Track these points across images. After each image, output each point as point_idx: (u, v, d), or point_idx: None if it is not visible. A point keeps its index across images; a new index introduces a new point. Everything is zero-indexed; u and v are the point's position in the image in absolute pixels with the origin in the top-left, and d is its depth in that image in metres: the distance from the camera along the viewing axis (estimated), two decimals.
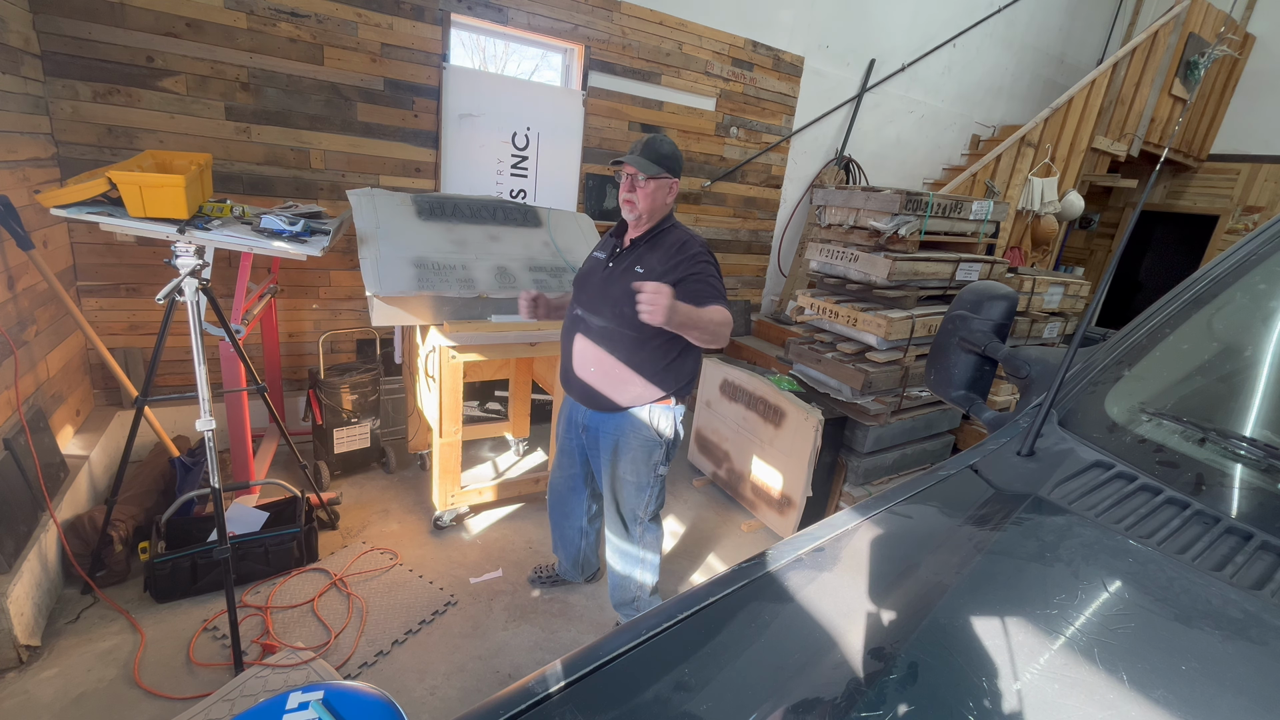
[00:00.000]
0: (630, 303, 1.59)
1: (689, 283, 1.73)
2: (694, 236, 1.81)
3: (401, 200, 2.72)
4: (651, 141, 1.74)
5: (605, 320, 1.82)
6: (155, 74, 2.69)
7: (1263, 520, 0.83)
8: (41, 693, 1.77)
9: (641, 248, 1.81)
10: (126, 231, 2.08)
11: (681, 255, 1.75)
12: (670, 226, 1.83)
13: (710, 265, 1.77)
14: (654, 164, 1.73)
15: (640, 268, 1.77)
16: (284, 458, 3.13)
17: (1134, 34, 6.06)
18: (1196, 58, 5.38)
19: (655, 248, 1.79)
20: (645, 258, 1.78)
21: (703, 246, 1.79)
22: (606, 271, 1.85)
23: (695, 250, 1.76)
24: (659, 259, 1.76)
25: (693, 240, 1.79)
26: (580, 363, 1.89)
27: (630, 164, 1.72)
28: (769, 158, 4.64)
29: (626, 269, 1.79)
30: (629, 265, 1.80)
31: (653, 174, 1.73)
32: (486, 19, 3.34)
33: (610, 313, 1.81)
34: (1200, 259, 6.49)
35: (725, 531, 3.03)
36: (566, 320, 1.97)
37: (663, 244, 1.79)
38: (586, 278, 1.92)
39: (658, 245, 1.79)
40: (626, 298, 1.66)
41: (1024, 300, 3.60)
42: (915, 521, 0.93)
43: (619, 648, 0.72)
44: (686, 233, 1.83)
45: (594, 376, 1.86)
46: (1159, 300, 1.21)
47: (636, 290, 1.54)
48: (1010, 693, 0.62)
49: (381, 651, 2.06)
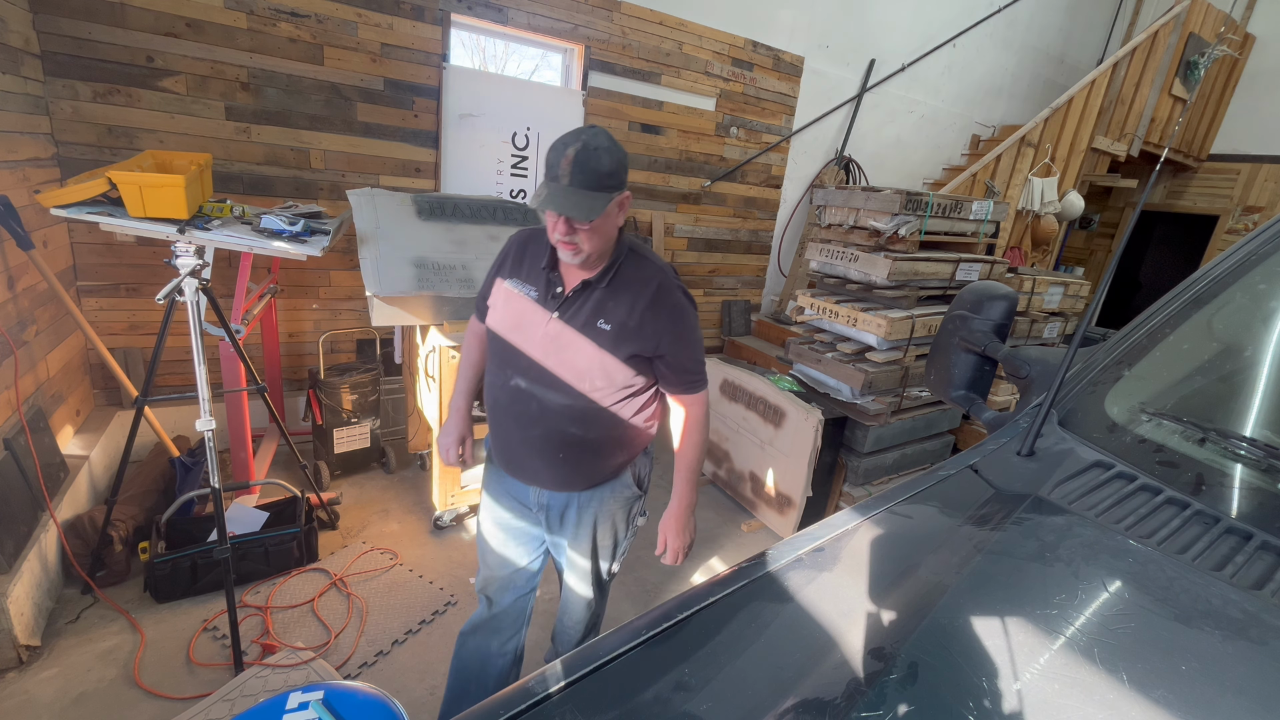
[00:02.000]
0: (601, 370, 1.31)
1: (671, 360, 1.36)
2: (665, 272, 1.36)
3: (401, 200, 2.72)
4: (583, 157, 1.17)
5: (568, 396, 1.35)
6: (155, 74, 2.69)
7: (1263, 520, 0.83)
8: (41, 693, 1.77)
9: (598, 291, 1.32)
10: (126, 231, 2.08)
11: (659, 308, 1.32)
12: (630, 255, 1.36)
13: (693, 321, 1.39)
14: (595, 194, 1.19)
15: (605, 322, 1.31)
16: (284, 458, 3.12)
17: (1134, 34, 6.06)
18: (1196, 58, 5.38)
19: (618, 290, 1.33)
20: (607, 306, 1.32)
21: (682, 291, 1.37)
22: (553, 326, 1.33)
23: (675, 301, 1.34)
24: (626, 309, 1.31)
25: (667, 280, 1.35)
26: (540, 449, 1.40)
27: (563, 212, 1.18)
28: (769, 158, 4.64)
29: (586, 324, 1.32)
30: (588, 319, 1.32)
31: (597, 216, 1.20)
32: (486, 19, 3.34)
33: (569, 385, 1.35)
34: (1200, 259, 6.49)
35: (725, 531, 3.03)
36: (495, 389, 1.44)
37: (628, 285, 1.33)
38: (519, 328, 1.38)
39: (621, 287, 1.33)
40: (591, 364, 1.32)
41: (1024, 300, 3.60)
42: (915, 521, 0.93)
43: (619, 648, 0.72)
44: (654, 265, 1.37)
45: (565, 461, 1.41)
46: (1159, 300, 1.21)
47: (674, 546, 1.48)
48: (1010, 693, 0.62)
49: (381, 651, 2.06)
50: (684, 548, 1.50)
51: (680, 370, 1.39)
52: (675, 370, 1.39)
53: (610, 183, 1.21)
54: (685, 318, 1.37)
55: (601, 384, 1.34)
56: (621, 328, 1.32)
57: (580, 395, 1.35)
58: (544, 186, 1.20)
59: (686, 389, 1.42)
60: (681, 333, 1.36)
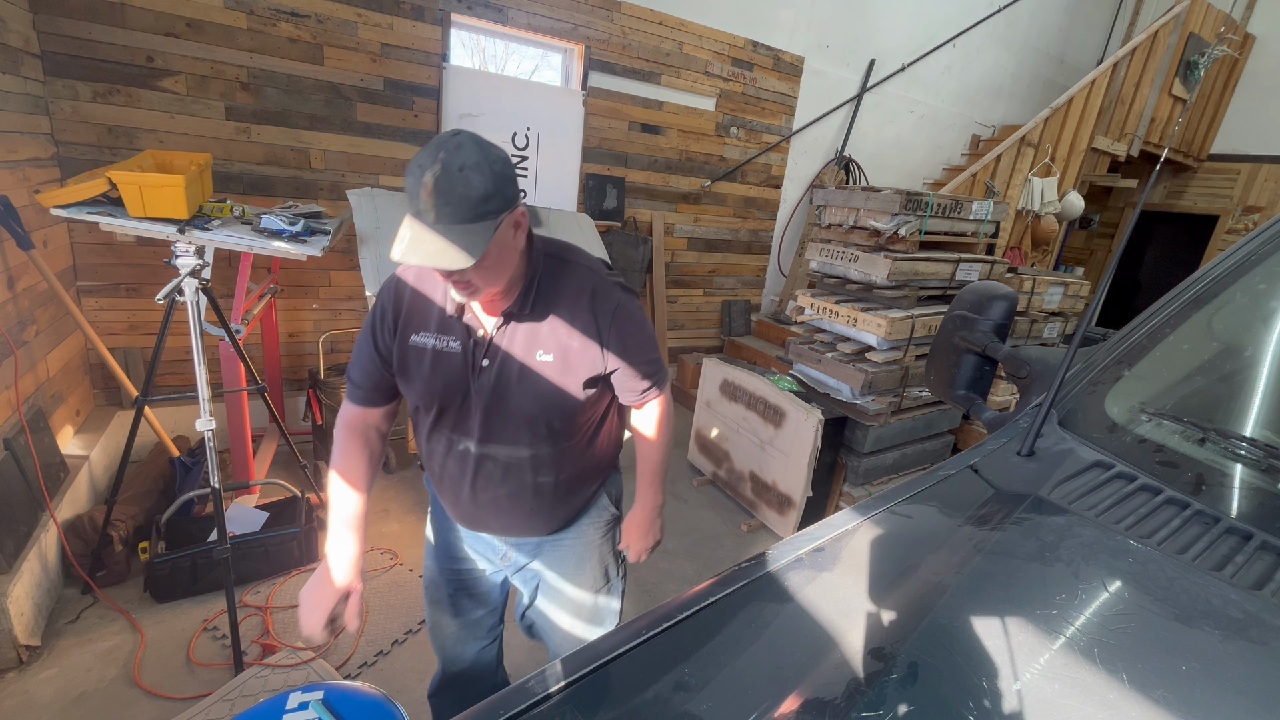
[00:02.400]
0: (558, 409, 1.14)
1: (626, 371, 1.18)
2: (595, 271, 1.16)
3: (401, 200, 2.71)
4: (445, 184, 0.90)
5: (528, 447, 1.16)
6: (155, 74, 2.69)
7: (1263, 520, 0.83)
8: (41, 693, 1.77)
9: (524, 320, 1.11)
10: (126, 231, 2.08)
11: (600, 315, 1.13)
12: (548, 264, 1.13)
13: (640, 318, 1.19)
14: (471, 228, 0.93)
15: (544, 352, 1.12)
16: (284, 458, 3.12)
17: (1134, 34, 6.06)
18: (1196, 58, 5.38)
19: (546, 310, 1.12)
20: (540, 334, 1.12)
21: (620, 288, 1.18)
22: (486, 376, 1.12)
23: (616, 302, 1.15)
24: (565, 329, 1.12)
25: (601, 281, 1.15)
26: (509, 507, 1.23)
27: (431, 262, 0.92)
28: (769, 158, 4.64)
29: (524, 362, 1.12)
30: (524, 355, 1.12)
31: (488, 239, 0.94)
32: (486, 19, 3.34)
33: (527, 435, 1.15)
34: (1200, 259, 6.49)
35: (725, 531, 3.03)
36: (439, 459, 1.22)
37: (557, 300, 1.12)
38: (450, 389, 1.14)
39: (549, 305, 1.12)
40: (545, 405, 1.13)
41: (1024, 300, 3.61)
42: (915, 521, 0.93)
43: (619, 648, 0.72)
44: (579, 266, 1.16)
45: (537, 510, 1.24)
46: (1159, 300, 1.21)
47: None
48: (1010, 693, 0.62)
49: (381, 651, 2.06)
50: (648, 548, 1.38)
51: (637, 378, 1.21)
52: (632, 379, 1.20)
53: (489, 208, 0.93)
54: (631, 318, 1.17)
55: (561, 424, 1.16)
56: (565, 352, 1.12)
57: (541, 441, 1.17)
58: (406, 226, 0.93)
59: (646, 395, 1.25)
60: (631, 337, 1.17)
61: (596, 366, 1.15)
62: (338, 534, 1.15)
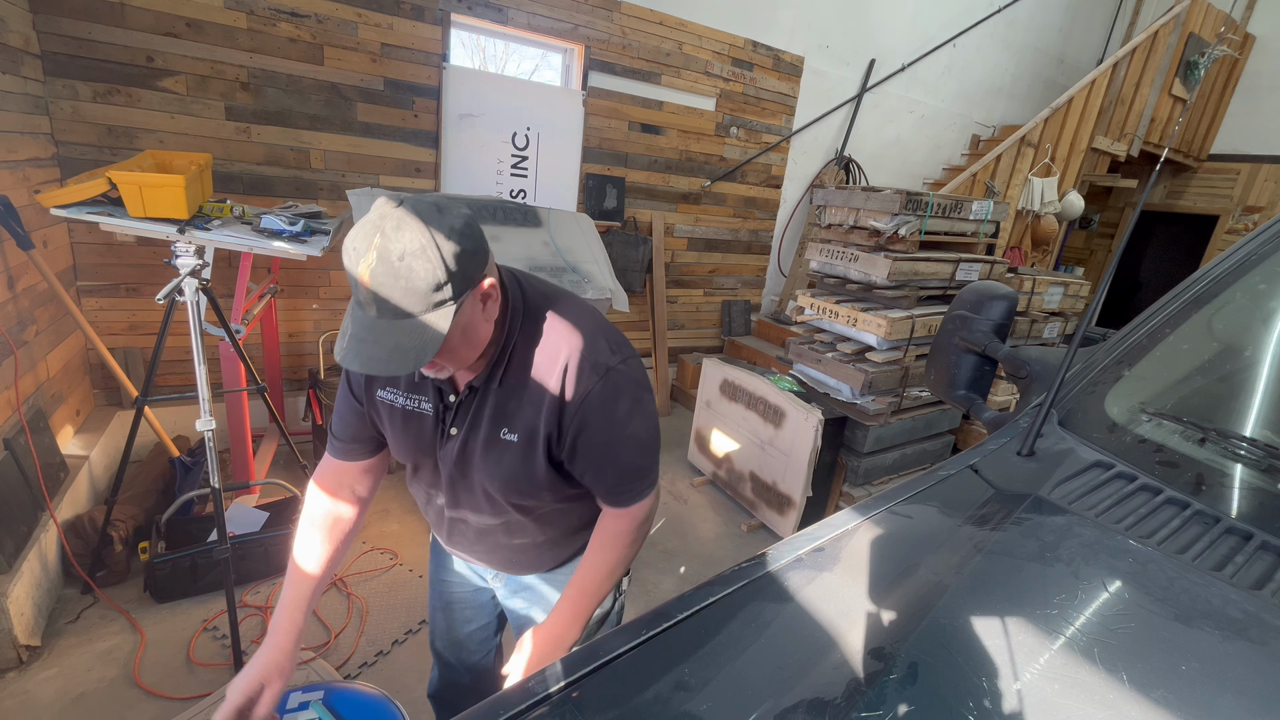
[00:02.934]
0: (524, 490, 1.00)
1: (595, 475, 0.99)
2: (580, 342, 0.94)
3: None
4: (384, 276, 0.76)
5: (497, 515, 1.07)
6: (155, 74, 2.69)
7: (1263, 520, 0.83)
8: (41, 693, 1.77)
9: (492, 393, 0.96)
10: (126, 231, 2.08)
11: (570, 399, 0.93)
12: (525, 327, 0.95)
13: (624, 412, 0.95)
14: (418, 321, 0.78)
15: (509, 431, 0.97)
16: (284, 458, 3.12)
17: (1134, 34, 6.06)
18: (1196, 58, 5.38)
19: (516, 383, 0.95)
20: (507, 410, 0.96)
21: (604, 373, 0.94)
22: (449, 442, 1.00)
23: (589, 387, 0.93)
24: (533, 408, 0.95)
25: (583, 357, 0.93)
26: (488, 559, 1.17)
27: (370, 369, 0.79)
28: (769, 158, 4.64)
29: (489, 438, 0.98)
30: (489, 431, 0.98)
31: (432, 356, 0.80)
32: (486, 19, 3.34)
33: (490, 507, 1.06)
34: (1200, 259, 6.49)
35: (725, 531, 3.03)
36: (422, 503, 1.17)
37: (527, 372, 0.95)
38: (419, 449, 1.04)
39: (519, 377, 0.95)
40: (507, 486, 1.00)
41: (1024, 300, 3.61)
42: (915, 521, 0.93)
43: (619, 648, 0.72)
44: (561, 335, 0.95)
45: (520, 562, 1.17)
46: (1159, 300, 1.21)
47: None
48: (1010, 693, 0.62)
49: (381, 651, 2.06)
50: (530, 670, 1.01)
51: (603, 488, 1.00)
52: (596, 484, 1.00)
53: (442, 296, 0.78)
54: (605, 410, 0.93)
55: (530, 501, 1.04)
56: (531, 435, 0.95)
57: (509, 511, 1.05)
58: (349, 317, 0.81)
59: (619, 500, 1.02)
60: (598, 434, 0.94)
61: (558, 455, 0.98)
62: (275, 617, 1.03)
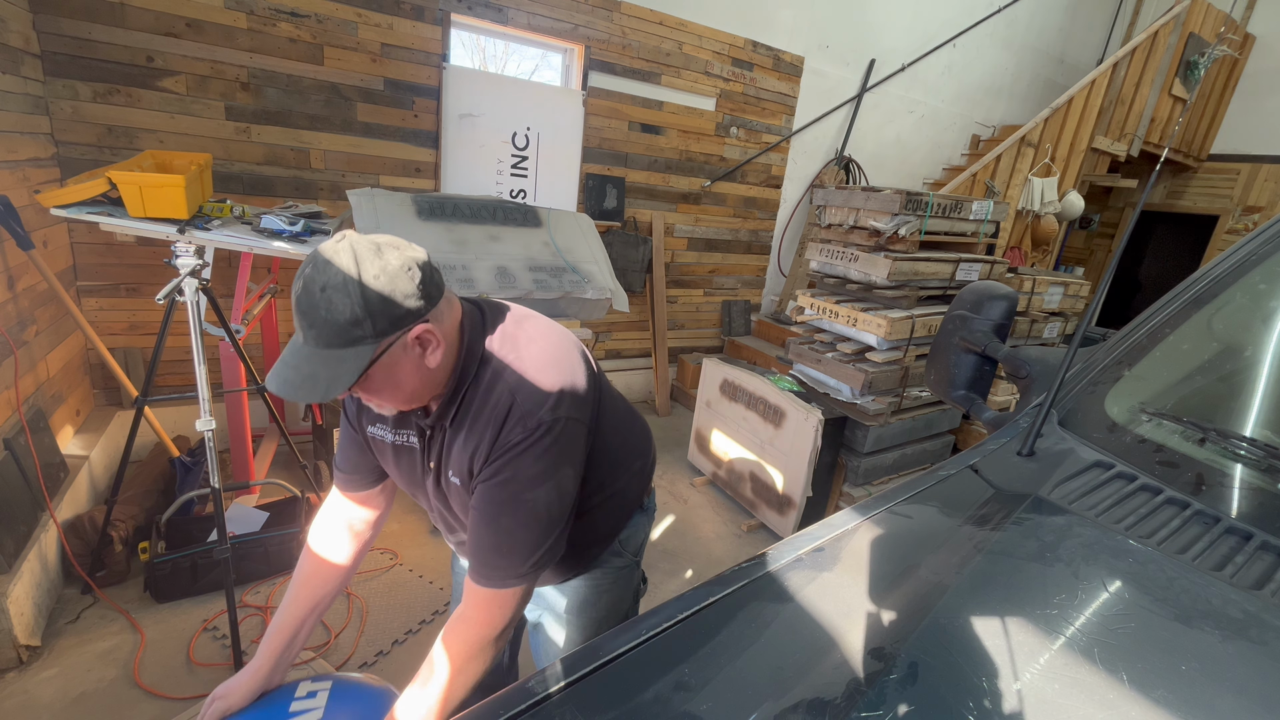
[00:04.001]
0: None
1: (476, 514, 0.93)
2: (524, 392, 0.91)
3: (401, 200, 2.72)
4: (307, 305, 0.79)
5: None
6: (155, 74, 2.69)
7: (1263, 520, 0.83)
8: (41, 693, 1.77)
9: (445, 432, 0.97)
10: (126, 231, 2.08)
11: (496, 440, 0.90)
12: (486, 377, 0.93)
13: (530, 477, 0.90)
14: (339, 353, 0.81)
15: (453, 473, 0.97)
16: (284, 458, 3.12)
17: (1134, 34, 6.06)
18: (1196, 58, 5.38)
19: (462, 425, 0.94)
20: (453, 451, 0.96)
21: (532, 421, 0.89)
22: (428, 475, 1.03)
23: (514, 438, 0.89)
24: (470, 454, 0.93)
25: (525, 410, 0.89)
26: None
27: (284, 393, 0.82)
28: (769, 158, 4.64)
29: (441, 478, 1.01)
30: (440, 471, 1.00)
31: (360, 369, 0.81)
32: (486, 19, 3.34)
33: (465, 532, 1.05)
34: (1200, 259, 6.49)
35: (725, 531, 3.03)
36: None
37: (473, 416, 0.93)
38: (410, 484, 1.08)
39: (466, 419, 0.94)
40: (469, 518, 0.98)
41: (1024, 300, 3.61)
42: (915, 521, 0.93)
43: (619, 648, 0.72)
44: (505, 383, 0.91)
45: None
46: (1159, 300, 1.21)
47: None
48: (1010, 693, 0.62)
49: (381, 651, 2.06)
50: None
51: (478, 548, 0.92)
52: (474, 546, 0.93)
53: (359, 333, 0.80)
54: (519, 466, 0.89)
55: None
56: (464, 475, 0.94)
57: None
58: (291, 340, 0.85)
59: (476, 575, 0.93)
60: (502, 492, 0.90)
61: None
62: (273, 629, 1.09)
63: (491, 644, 0.93)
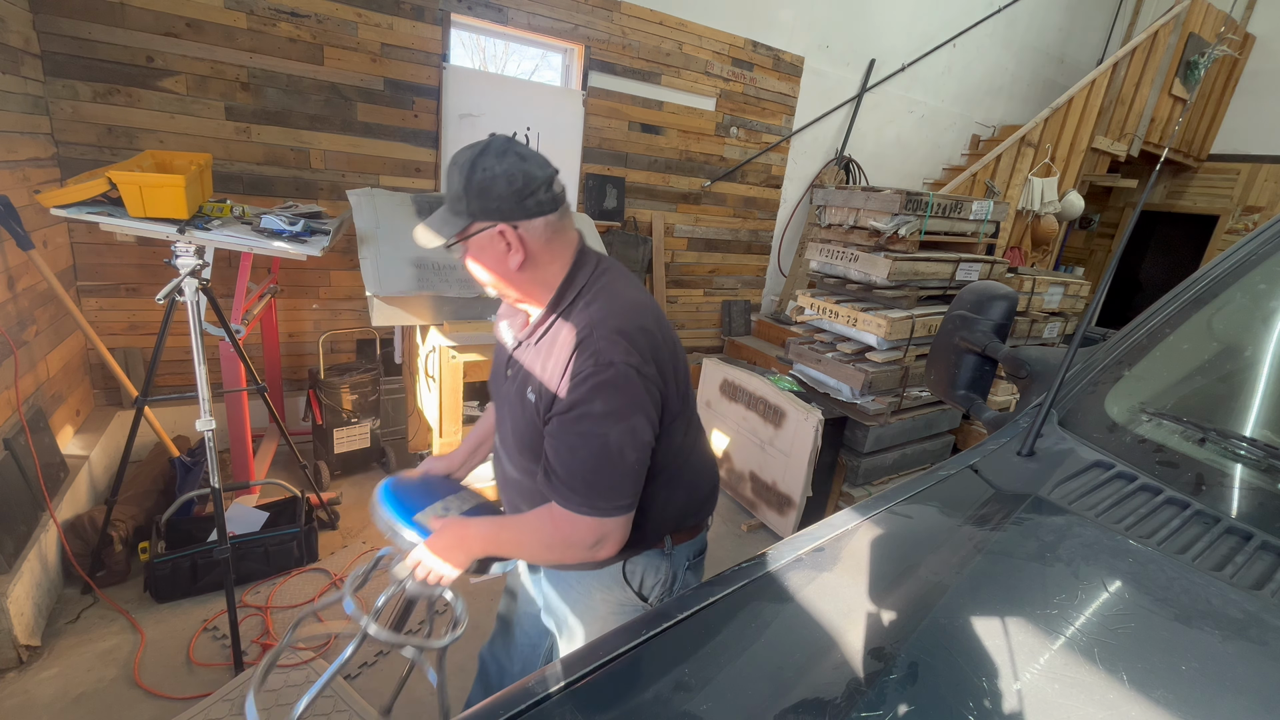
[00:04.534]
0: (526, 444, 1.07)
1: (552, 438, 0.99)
2: (601, 325, 0.97)
3: (401, 200, 2.72)
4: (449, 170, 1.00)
5: (517, 469, 1.13)
6: (155, 74, 2.69)
7: (1263, 520, 0.83)
8: (41, 693, 1.77)
9: (532, 347, 1.06)
10: (126, 231, 2.08)
11: (564, 370, 0.97)
12: (571, 303, 1.03)
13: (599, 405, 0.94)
14: (447, 217, 1.00)
15: (532, 390, 1.04)
16: (284, 458, 3.12)
17: (1134, 34, 6.05)
18: (1196, 58, 5.38)
19: (547, 348, 1.03)
20: (535, 369, 1.04)
21: (604, 358, 0.94)
22: (506, 382, 1.13)
23: (585, 368, 0.95)
24: (550, 376, 1.00)
25: (591, 335, 0.96)
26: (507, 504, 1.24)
27: (415, 234, 1.03)
28: (769, 158, 4.64)
29: (519, 391, 1.07)
30: (521, 385, 1.07)
31: (453, 234, 0.99)
32: (486, 19, 3.34)
33: (517, 455, 1.12)
34: (1200, 259, 6.49)
35: (725, 531, 3.03)
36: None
37: (555, 342, 1.02)
38: (494, 378, 1.21)
39: (551, 343, 1.03)
40: (523, 444, 1.08)
41: (1024, 300, 3.60)
42: (915, 521, 0.93)
43: (619, 648, 0.72)
44: (587, 313, 1.00)
45: None
46: (1159, 300, 1.21)
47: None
48: (1010, 693, 0.62)
49: (382, 651, 2.06)
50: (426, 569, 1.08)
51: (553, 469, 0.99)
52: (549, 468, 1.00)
53: (460, 207, 0.98)
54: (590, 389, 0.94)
55: (534, 466, 1.05)
56: (542, 392, 1.01)
57: (525, 471, 1.09)
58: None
59: (552, 491, 0.99)
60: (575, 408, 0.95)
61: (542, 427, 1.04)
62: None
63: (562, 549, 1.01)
